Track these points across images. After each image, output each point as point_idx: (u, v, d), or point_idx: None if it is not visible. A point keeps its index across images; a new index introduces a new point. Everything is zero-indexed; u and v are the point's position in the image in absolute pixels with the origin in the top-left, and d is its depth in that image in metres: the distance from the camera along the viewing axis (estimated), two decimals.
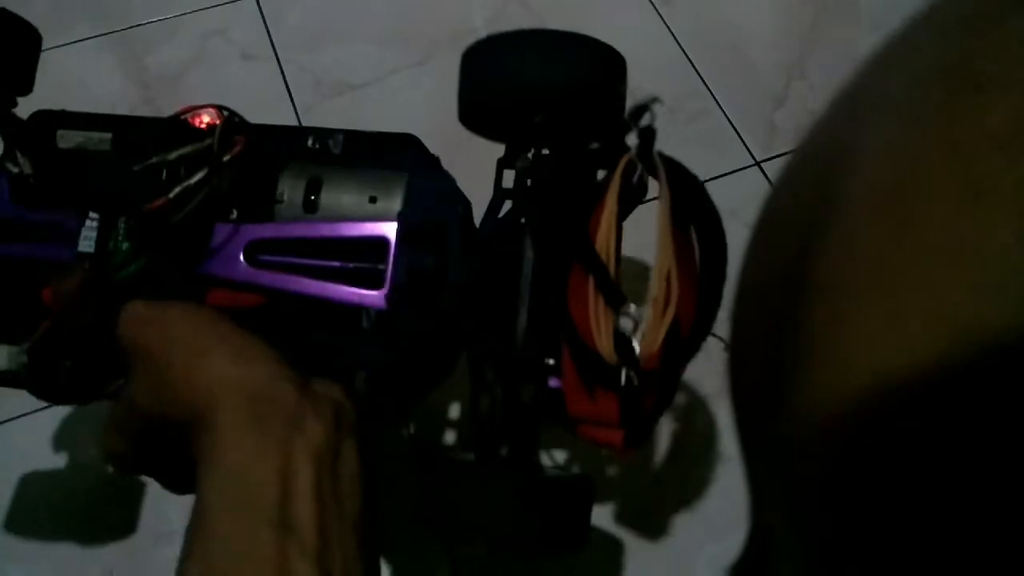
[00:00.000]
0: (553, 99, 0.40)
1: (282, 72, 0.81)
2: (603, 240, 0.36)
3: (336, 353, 0.40)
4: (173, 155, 0.39)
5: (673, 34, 0.83)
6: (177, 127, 0.40)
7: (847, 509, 0.13)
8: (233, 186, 0.40)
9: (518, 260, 0.40)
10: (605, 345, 0.35)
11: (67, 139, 0.42)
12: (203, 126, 0.40)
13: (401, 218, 0.39)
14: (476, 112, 0.44)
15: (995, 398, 0.10)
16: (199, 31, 0.83)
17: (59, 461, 0.61)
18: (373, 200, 0.40)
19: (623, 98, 0.43)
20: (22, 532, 0.59)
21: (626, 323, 0.36)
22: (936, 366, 0.11)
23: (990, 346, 0.10)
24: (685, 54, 0.82)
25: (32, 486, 0.60)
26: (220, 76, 0.81)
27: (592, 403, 0.37)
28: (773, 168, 0.77)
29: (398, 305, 0.39)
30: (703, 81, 0.81)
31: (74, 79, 0.80)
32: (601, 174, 0.40)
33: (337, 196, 0.40)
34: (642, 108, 0.38)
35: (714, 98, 0.80)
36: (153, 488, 0.60)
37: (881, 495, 0.12)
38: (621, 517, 0.60)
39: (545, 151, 0.42)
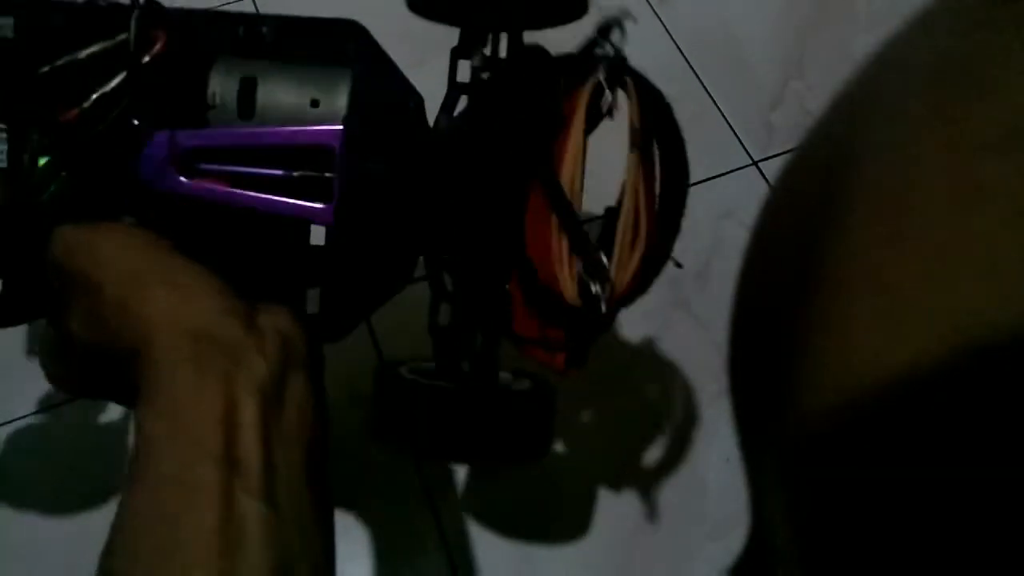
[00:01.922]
0: None
1: None
2: (568, 173, 0.33)
3: (283, 271, 0.38)
4: (84, 54, 0.35)
5: (670, 34, 0.83)
6: (92, 12, 0.36)
7: (848, 508, 0.13)
8: (157, 88, 0.35)
9: (474, 165, 0.36)
10: (569, 290, 0.34)
11: None
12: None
13: (347, 123, 0.35)
14: None
15: (996, 396, 0.10)
16: None
17: (49, 463, 0.61)
18: (315, 103, 0.36)
19: None
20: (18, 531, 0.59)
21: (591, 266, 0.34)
22: (937, 365, 0.11)
23: (990, 344, 0.10)
24: (682, 54, 0.82)
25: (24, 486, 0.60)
26: None
27: (541, 331, 0.36)
28: (771, 168, 0.77)
29: (347, 218, 0.36)
30: (700, 81, 0.81)
31: None
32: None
33: (275, 97, 0.36)
34: (611, 25, 0.35)
35: (711, 98, 0.80)
36: None
37: (882, 493, 0.12)
38: (621, 517, 0.60)
39: (502, 52, 0.38)
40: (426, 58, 0.69)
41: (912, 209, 0.12)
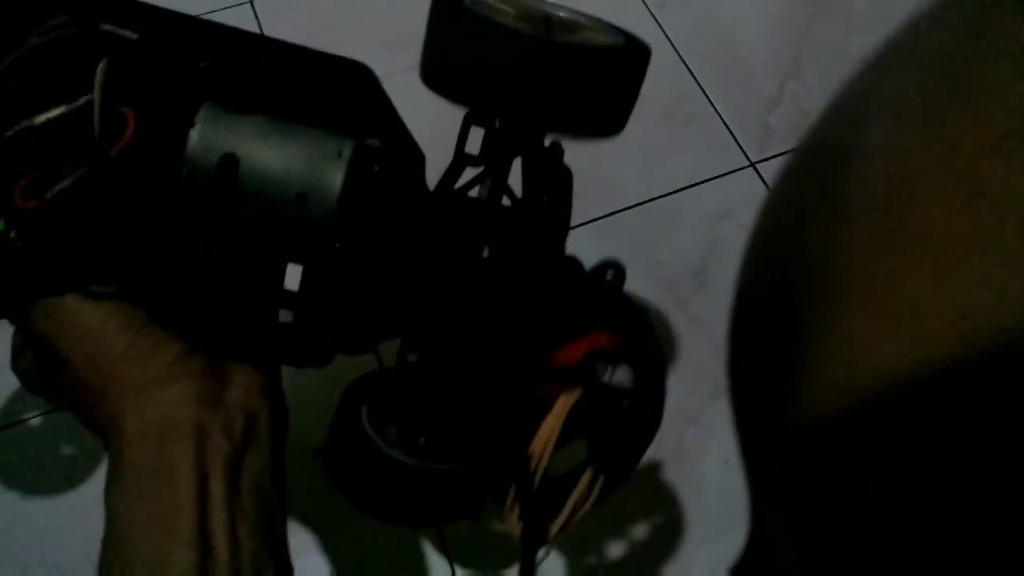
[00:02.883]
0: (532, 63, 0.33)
1: None
2: (539, 448, 0.35)
3: (257, 333, 0.36)
4: (39, 120, 0.31)
5: (667, 36, 0.84)
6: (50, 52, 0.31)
7: (848, 508, 0.13)
8: (126, 173, 0.31)
9: (468, 256, 0.35)
10: (513, 525, 0.36)
11: None
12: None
13: (332, 226, 0.32)
14: (445, 60, 0.35)
15: (997, 395, 0.10)
16: None
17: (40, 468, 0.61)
18: (302, 199, 0.32)
19: (626, 93, 0.37)
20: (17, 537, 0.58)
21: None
22: (938, 365, 0.11)
23: (992, 344, 0.10)
24: (680, 56, 0.82)
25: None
26: None
27: None
28: (768, 169, 0.77)
29: (319, 315, 0.34)
30: (697, 83, 0.81)
31: None
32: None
33: (258, 179, 0.32)
34: (605, 268, 0.36)
35: (709, 100, 0.80)
36: None
37: (882, 494, 0.12)
38: (620, 517, 0.60)
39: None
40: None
41: (912, 209, 0.12)
